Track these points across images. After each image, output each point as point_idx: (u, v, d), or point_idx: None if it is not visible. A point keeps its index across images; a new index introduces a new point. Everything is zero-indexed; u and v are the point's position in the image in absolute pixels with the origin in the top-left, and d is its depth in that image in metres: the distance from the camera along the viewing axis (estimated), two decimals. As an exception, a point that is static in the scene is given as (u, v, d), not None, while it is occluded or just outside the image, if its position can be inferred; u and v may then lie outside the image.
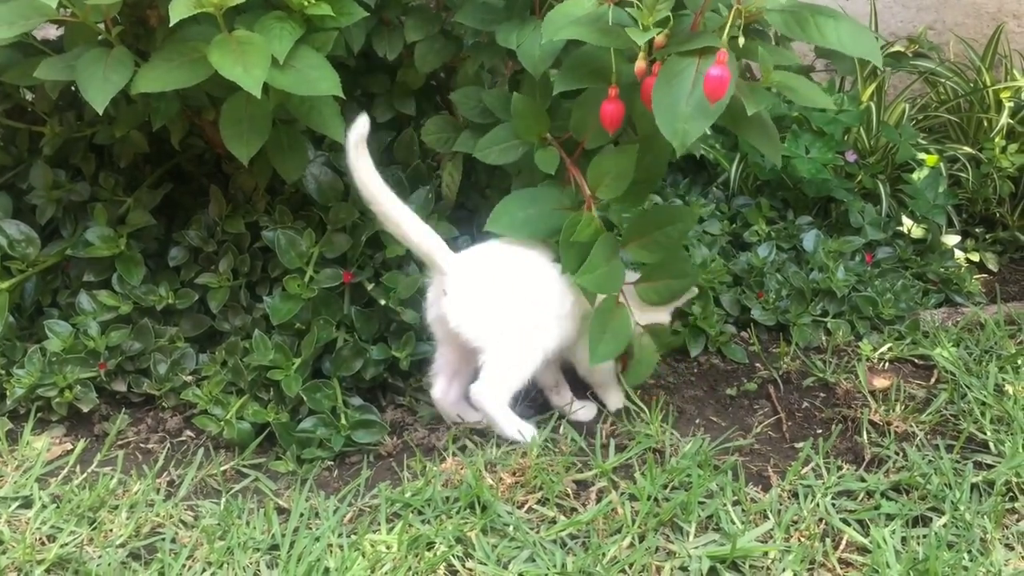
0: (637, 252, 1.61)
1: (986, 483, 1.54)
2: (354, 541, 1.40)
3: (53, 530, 1.43)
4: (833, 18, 1.33)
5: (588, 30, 1.39)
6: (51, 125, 1.86)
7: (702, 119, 1.32)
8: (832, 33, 1.33)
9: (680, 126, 1.32)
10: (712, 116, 1.32)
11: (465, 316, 1.55)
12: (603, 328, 1.56)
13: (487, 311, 1.56)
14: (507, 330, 1.56)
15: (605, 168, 1.55)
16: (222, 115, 1.55)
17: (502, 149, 1.64)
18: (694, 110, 1.32)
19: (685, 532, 1.43)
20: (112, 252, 1.77)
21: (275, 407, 1.66)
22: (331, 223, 1.80)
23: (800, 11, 1.33)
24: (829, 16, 1.33)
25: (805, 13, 1.33)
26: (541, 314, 1.58)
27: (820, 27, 1.33)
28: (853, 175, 2.38)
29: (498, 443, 1.62)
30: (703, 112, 1.32)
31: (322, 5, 1.50)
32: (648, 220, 1.62)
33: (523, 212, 1.58)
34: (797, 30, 1.32)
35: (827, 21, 1.33)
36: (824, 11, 1.35)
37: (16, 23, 1.45)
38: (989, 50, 2.68)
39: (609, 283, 1.56)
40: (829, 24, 1.33)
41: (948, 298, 2.17)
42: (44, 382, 1.67)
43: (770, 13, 1.32)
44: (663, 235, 1.60)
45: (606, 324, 1.56)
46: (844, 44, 1.33)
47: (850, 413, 1.74)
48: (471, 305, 1.56)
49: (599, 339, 1.56)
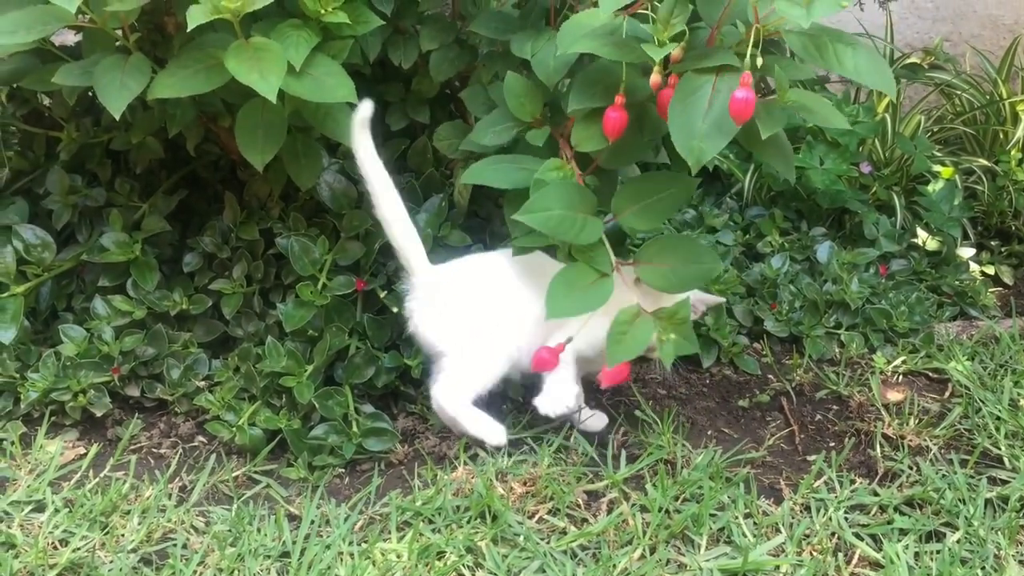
0: (629, 220, 1.53)
1: (1000, 499, 1.53)
2: (365, 549, 1.40)
3: (65, 534, 1.43)
4: (852, 46, 1.32)
5: (602, 44, 1.39)
6: (68, 130, 1.87)
7: (718, 137, 1.31)
8: (850, 61, 1.32)
9: (696, 144, 1.32)
10: (729, 135, 1.31)
11: (425, 320, 1.62)
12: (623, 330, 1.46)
13: (447, 317, 1.61)
14: (467, 336, 1.60)
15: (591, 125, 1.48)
16: (237, 122, 1.56)
17: (497, 131, 1.63)
18: (711, 128, 1.31)
19: (696, 545, 1.43)
20: (127, 257, 1.78)
21: (287, 414, 1.66)
22: (344, 230, 1.80)
23: (820, 36, 1.32)
24: (848, 44, 1.32)
25: (824, 38, 1.32)
26: (505, 324, 1.60)
27: (838, 54, 1.32)
28: (868, 187, 2.37)
29: (509, 452, 1.62)
30: (720, 130, 1.31)
31: (339, 13, 1.51)
32: (640, 186, 1.54)
33: (496, 164, 1.57)
34: (816, 55, 1.31)
35: (846, 49, 1.31)
36: (844, 38, 1.34)
37: (35, 29, 1.46)
38: (1006, 62, 2.67)
39: (564, 229, 1.45)
40: (847, 52, 1.32)
41: (963, 311, 2.15)
42: (58, 386, 1.68)
43: (789, 35, 1.32)
44: (657, 202, 1.52)
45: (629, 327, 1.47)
46: (861, 73, 1.32)
47: (863, 426, 1.73)
48: (432, 310, 1.62)
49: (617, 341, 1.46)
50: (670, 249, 1.54)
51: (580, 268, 1.48)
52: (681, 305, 1.45)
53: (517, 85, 1.58)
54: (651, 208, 1.52)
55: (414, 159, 1.93)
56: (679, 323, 1.45)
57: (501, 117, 1.62)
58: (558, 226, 1.45)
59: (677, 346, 1.45)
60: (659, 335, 1.44)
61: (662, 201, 1.52)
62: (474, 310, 1.61)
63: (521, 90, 1.58)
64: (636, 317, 1.45)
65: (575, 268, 1.48)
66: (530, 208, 1.45)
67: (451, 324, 1.61)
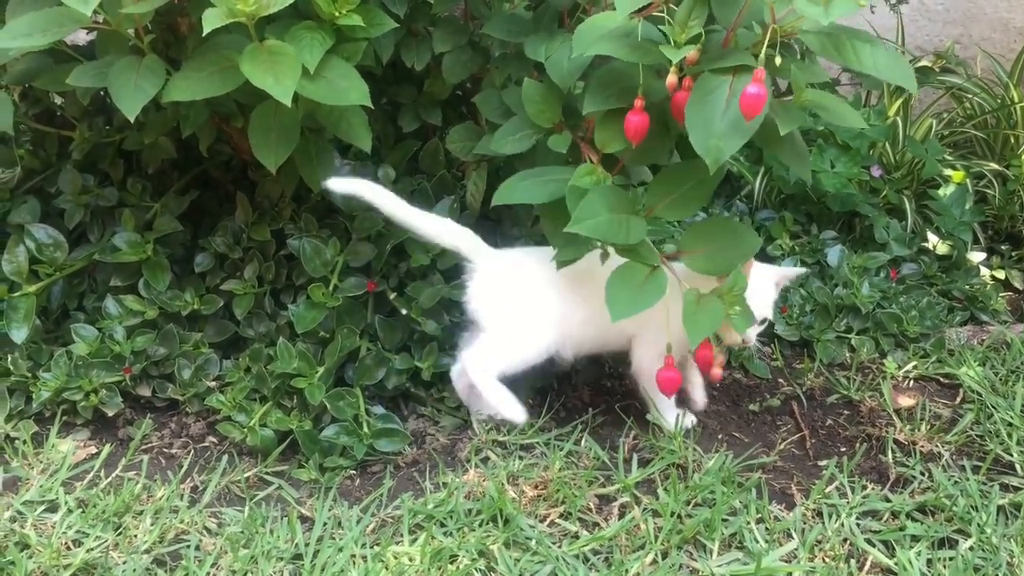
0: (665, 212, 1.54)
1: (1013, 506, 1.53)
2: (377, 552, 1.40)
3: (79, 535, 1.44)
4: (870, 43, 1.32)
5: (618, 46, 1.39)
6: (80, 130, 1.87)
7: (736, 137, 1.32)
8: (868, 58, 1.32)
9: (714, 143, 1.32)
10: (747, 134, 1.32)
11: (479, 298, 1.67)
12: (695, 309, 1.47)
13: (497, 297, 1.67)
14: (510, 317, 1.66)
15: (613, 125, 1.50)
16: (251, 123, 1.56)
17: (517, 139, 1.63)
18: (728, 127, 1.32)
19: (708, 550, 1.42)
20: (139, 257, 1.78)
21: (298, 415, 1.66)
22: (356, 232, 1.80)
23: (837, 34, 1.32)
24: (866, 41, 1.33)
25: (842, 36, 1.32)
26: (545, 312, 1.64)
27: (857, 51, 1.32)
28: (878, 190, 2.36)
29: (520, 456, 1.62)
30: (737, 130, 1.32)
31: (353, 16, 1.51)
32: (669, 179, 1.54)
33: (523, 181, 1.57)
34: (834, 53, 1.32)
35: (863, 46, 1.32)
36: (861, 35, 1.34)
37: (50, 30, 1.46)
38: (1017, 65, 2.66)
39: (614, 232, 1.47)
40: (865, 49, 1.32)
41: (973, 316, 2.15)
42: (70, 386, 1.68)
43: (806, 35, 1.32)
44: (689, 191, 1.52)
45: (698, 306, 1.48)
46: (880, 70, 1.32)
47: (875, 431, 1.72)
48: (487, 290, 1.67)
49: (693, 320, 1.47)
50: (710, 234, 1.57)
51: (632, 267, 1.50)
52: (737, 277, 1.48)
53: (535, 91, 1.59)
54: (683, 198, 1.54)
55: (426, 161, 1.93)
56: (737, 295, 1.47)
57: (520, 124, 1.63)
58: (608, 230, 1.46)
59: (745, 317, 1.48)
60: (726, 310, 1.47)
61: (692, 190, 1.54)
62: (522, 296, 1.66)
63: (539, 96, 1.59)
64: (700, 297, 1.47)
65: (627, 268, 1.50)
66: (579, 217, 1.45)
67: (499, 304, 1.66)
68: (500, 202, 1.58)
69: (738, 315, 1.47)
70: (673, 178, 1.53)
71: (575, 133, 1.59)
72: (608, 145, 1.51)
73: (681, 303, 1.48)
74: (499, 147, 1.62)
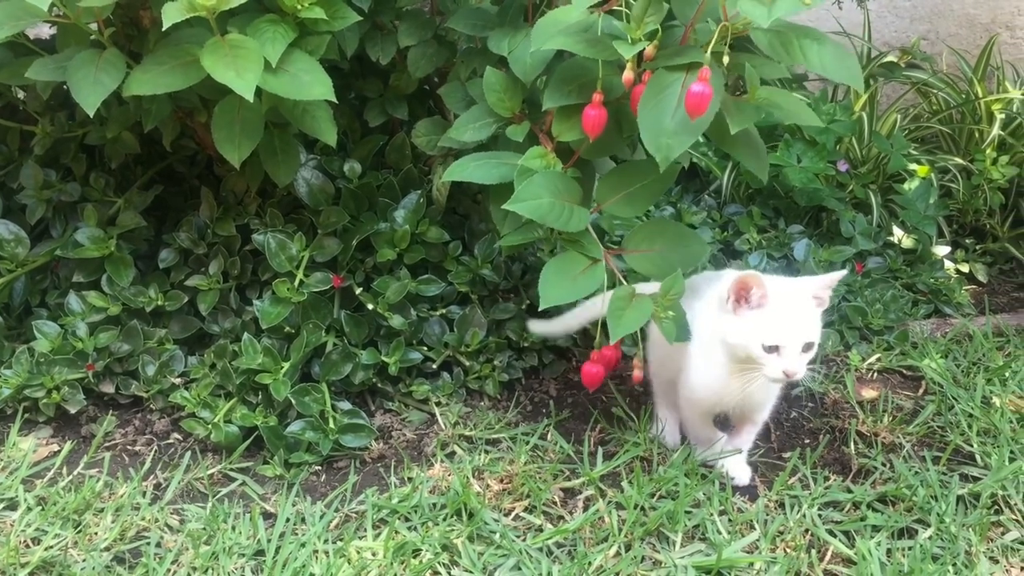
0: (613, 208, 1.55)
1: (972, 495, 1.55)
2: (340, 547, 1.40)
3: (38, 533, 1.42)
4: (817, 42, 1.33)
5: (577, 41, 1.39)
6: (42, 125, 1.85)
7: (686, 135, 1.33)
8: (815, 57, 1.32)
9: (664, 141, 1.33)
10: (696, 132, 1.33)
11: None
12: (623, 306, 1.46)
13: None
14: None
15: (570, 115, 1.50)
16: (214, 118, 1.55)
17: (476, 127, 1.63)
18: (679, 126, 1.32)
19: (671, 542, 1.43)
20: (102, 253, 1.76)
21: (263, 411, 1.66)
22: (322, 227, 1.80)
23: (786, 33, 1.33)
24: (814, 40, 1.33)
25: (790, 35, 1.33)
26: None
27: (804, 50, 1.32)
28: (845, 185, 2.39)
29: (486, 450, 1.62)
30: (687, 128, 1.32)
31: (315, 9, 1.50)
32: (621, 176, 1.55)
33: (477, 161, 1.57)
34: (782, 51, 1.32)
35: (811, 44, 1.32)
36: (810, 34, 1.34)
37: (7, 24, 1.44)
38: (981, 61, 2.69)
39: (554, 216, 1.46)
40: (813, 48, 1.32)
41: (937, 309, 2.18)
42: (31, 383, 1.67)
43: (756, 32, 1.32)
44: (639, 190, 1.53)
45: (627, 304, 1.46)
46: (827, 68, 1.33)
47: (838, 423, 1.74)
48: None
49: (618, 316, 1.45)
50: (656, 234, 1.57)
51: (571, 256, 1.50)
52: (673, 281, 1.45)
53: (496, 81, 1.58)
54: (633, 196, 1.54)
55: (392, 155, 1.93)
56: (672, 301, 1.45)
57: (480, 113, 1.62)
58: (547, 214, 1.46)
59: (676, 324, 1.46)
60: (657, 313, 1.45)
61: (643, 189, 1.54)
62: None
63: (500, 86, 1.58)
64: (633, 296, 1.46)
65: (566, 256, 1.50)
66: (519, 197, 1.45)
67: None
68: (450, 179, 1.58)
69: (669, 321, 1.45)
70: (625, 175, 1.54)
71: (535, 125, 1.59)
72: (564, 135, 1.51)
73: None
74: (459, 135, 1.62)
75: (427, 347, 1.79)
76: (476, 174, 1.56)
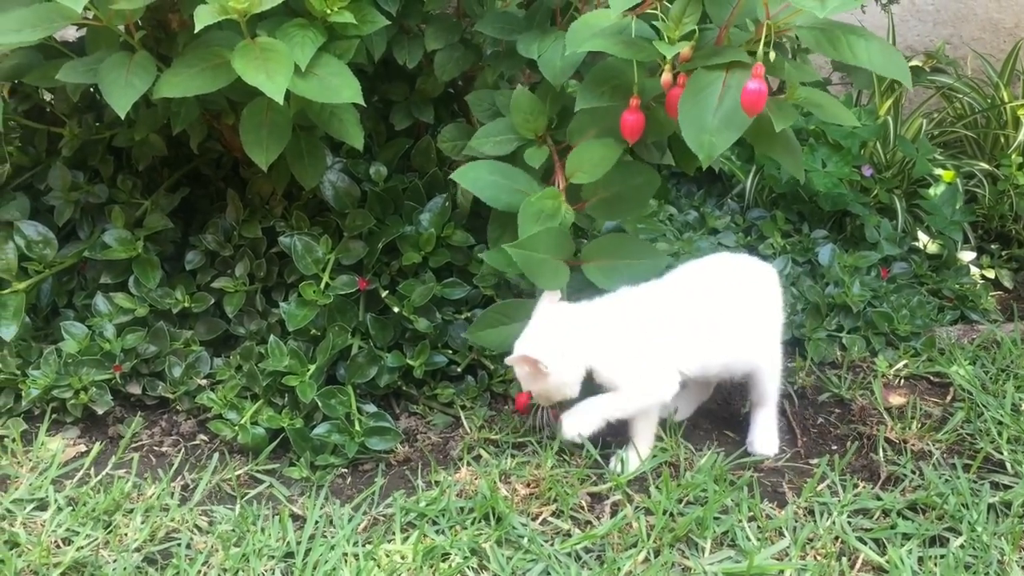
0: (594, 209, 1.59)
1: (1003, 504, 1.53)
2: (369, 551, 1.40)
3: (69, 533, 1.43)
4: (864, 38, 1.33)
5: (612, 42, 1.39)
6: (70, 127, 1.87)
7: (729, 132, 1.33)
8: (863, 52, 1.33)
9: (707, 138, 1.33)
10: (739, 130, 1.33)
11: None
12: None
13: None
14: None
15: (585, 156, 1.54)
16: (242, 121, 1.55)
17: (497, 141, 1.64)
18: (721, 123, 1.33)
19: (700, 548, 1.43)
20: (129, 255, 1.77)
21: (289, 413, 1.66)
22: (347, 230, 1.80)
23: (832, 29, 1.33)
24: (860, 36, 1.33)
25: (837, 32, 1.33)
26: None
27: (852, 46, 1.33)
28: (869, 189, 2.37)
29: (512, 453, 1.62)
30: (730, 125, 1.33)
31: (344, 13, 1.50)
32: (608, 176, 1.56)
33: (492, 176, 1.59)
34: (829, 48, 1.33)
35: (858, 40, 1.33)
36: (856, 30, 1.35)
37: (39, 27, 1.45)
38: (1007, 66, 2.67)
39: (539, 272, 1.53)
40: (860, 44, 1.33)
41: (963, 315, 2.16)
42: (59, 383, 1.67)
43: (801, 30, 1.32)
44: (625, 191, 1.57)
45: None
46: (875, 64, 1.33)
47: (866, 430, 1.73)
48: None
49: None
50: (614, 247, 1.61)
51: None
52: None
53: (524, 101, 1.60)
54: (618, 198, 1.57)
55: (418, 159, 1.93)
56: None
57: (504, 127, 1.64)
58: (536, 268, 1.52)
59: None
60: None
61: (631, 191, 1.57)
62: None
63: (527, 107, 1.60)
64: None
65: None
66: (521, 245, 1.50)
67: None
68: (458, 180, 1.60)
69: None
70: (614, 177, 1.55)
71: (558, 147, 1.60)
72: (577, 176, 1.53)
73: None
74: (479, 145, 1.64)
75: (452, 350, 1.79)
76: (486, 192, 1.58)
